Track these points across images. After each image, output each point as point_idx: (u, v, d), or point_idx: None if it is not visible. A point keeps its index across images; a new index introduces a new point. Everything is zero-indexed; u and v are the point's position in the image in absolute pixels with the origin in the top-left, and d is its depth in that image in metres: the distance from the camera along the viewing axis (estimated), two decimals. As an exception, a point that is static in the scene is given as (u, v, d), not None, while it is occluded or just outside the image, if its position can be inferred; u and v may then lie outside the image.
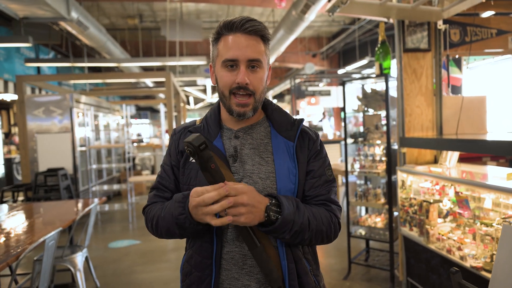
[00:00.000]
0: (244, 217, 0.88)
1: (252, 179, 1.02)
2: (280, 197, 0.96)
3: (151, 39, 9.56)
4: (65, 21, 5.35)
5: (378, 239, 3.24)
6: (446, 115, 3.03)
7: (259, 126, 1.10)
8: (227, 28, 1.00)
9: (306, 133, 1.11)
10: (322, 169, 1.08)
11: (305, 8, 5.40)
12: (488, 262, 2.10)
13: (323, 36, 10.55)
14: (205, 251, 1.02)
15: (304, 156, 1.07)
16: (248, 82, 0.98)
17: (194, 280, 1.04)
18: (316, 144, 1.10)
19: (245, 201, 0.88)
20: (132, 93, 9.35)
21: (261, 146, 1.07)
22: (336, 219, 1.06)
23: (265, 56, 1.03)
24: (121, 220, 6.05)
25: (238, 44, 0.98)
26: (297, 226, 0.95)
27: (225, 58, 0.99)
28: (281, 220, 0.92)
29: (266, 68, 1.04)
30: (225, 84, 1.00)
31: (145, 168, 9.05)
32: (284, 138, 1.07)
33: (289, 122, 1.10)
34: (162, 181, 1.12)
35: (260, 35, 1.01)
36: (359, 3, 2.61)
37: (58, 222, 2.80)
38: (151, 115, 18.26)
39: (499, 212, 2.19)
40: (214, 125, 1.09)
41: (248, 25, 0.98)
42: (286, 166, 1.03)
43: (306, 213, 0.98)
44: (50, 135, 5.69)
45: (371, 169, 3.20)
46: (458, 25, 3.13)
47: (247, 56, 0.98)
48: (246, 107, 1.00)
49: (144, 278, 3.60)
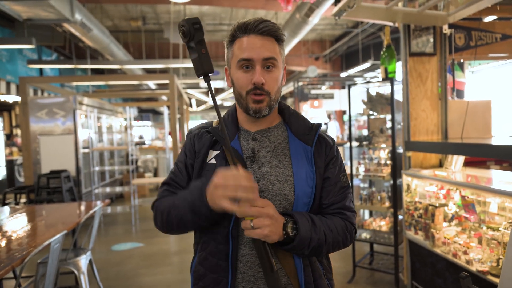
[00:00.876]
0: (268, 229, 0.89)
1: (270, 181, 1.02)
2: (295, 215, 0.96)
3: (154, 41, 9.59)
4: (68, 23, 5.38)
5: (382, 242, 3.24)
6: (451, 119, 3.03)
7: (276, 129, 1.10)
8: (242, 30, 1.01)
9: (323, 139, 1.11)
10: (338, 176, 1.09)
11: (309, 12, 5.42)
12: (494, 266, 2.09)
13: (326, 39, 10.57)
14: (220, 253, 1.02)
15: (321, 161, 1.07)
16: (264, 82, 0.99)
17: (208, 283, 1.03)
18: (333, 150, 1.11)
19: (271, 213, 0.90)
20: (135, 95, 9.36)
21: (278, 150, 1.07)
22: (351, 226, 1.07)
23: (279, 55, 1.03)
24: (123, 223, 6.05)
25: (252, 45, 0.99)
26: (315, 242, 0.96)
27: (240, 57, 1.00)
28: (298, 238, 0.93)
29: (281, 68, 1.05)
30: (241, 85, 1.02)
31: (147, 170, 9.05)
32: (302, 142, 1.07)
33: (307, 126, 1.10)
34: (175, 178, 1.12)
35: (274, 35, 1.02)
36: (365, 7, 2.62)
37: (61, 225, 2.79)
38: (153, 117, 18.29)
39: (505, 216, 2.19)
40: (232, 126, 1.09)
41: (262, 25, 1.00)
42: (304, 170, 1.03)
43: (322, 227, 0.99)
44: (53, 137, 5.70)
45: (376, 172, 3.20)
46: (463, 29, 3.14)
47: (262, 55, 0.99)
48: (261, 103, 1.01)
49: (147, 281, 3.60)
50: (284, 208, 1.01)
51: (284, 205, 1.01)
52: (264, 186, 1.01)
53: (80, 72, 9.86)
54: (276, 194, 1.01)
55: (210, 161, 1.07)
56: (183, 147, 1.16)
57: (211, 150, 1.09)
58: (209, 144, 1.09)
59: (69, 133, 5.70)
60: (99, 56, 9.11)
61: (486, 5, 2.48)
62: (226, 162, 1.04)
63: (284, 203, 1.01)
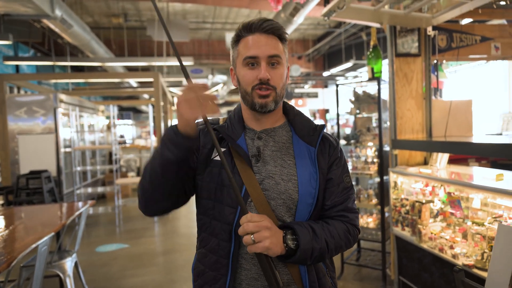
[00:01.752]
0: (269, 241, 0.89)
1: (274, 180, 1.02)
2: (295, 227, 0.96)
3: (136, 38, 9.42)
4: (48, 19, 5.21)
5: (370, 239, 3.31)
6: (435, 118, 3.12)
7: (281, 129, 1.11)
8: (246, 29, 1.03)
9: (327, 139, 1.12)
10: (341, 177, 1.10)
11: (294, 11, 5.45)
12: (479, 260, 2.18)
13: (309, 39, 10.67)
14: (222, 250, 1.02)
15: (325, 162, 1.08)
16: (270, 77, 1.01)
17: (207, 280, 1.04)
18: (337, 151, 1.12)
19: (269, 225, 0.91)
20: (116, 93, 9.18)
21: (283, 149, 1.08)
22: (353, 228, 1.09)
23: (283, 54, 1.06)
24: (107, 224, 5.93)
25: (257, 43, 1.02)
26: (317, 251, 0.97)
27: (246, 55, 1.02)
28: (300, 251, 0.94)
29: (285, 66, 1.07)
30: (247, 81, 1.03)
31: (130, 170, 8.90)
32: (306, 143, 1.08)
33: (311, 127, 1.11)
34: None
35: (277, 34, 1.04)
36: (354, 9, 2.66)
37: (41, 227, 2.71)
38: (134, 116, 17.96)
39: (487, 211, 2.28)
40: (238, 125, 1.10)
41: (266, 24, 1.02)
42: (308, 171, 1.05)
43: (323, 235, 0.99)
44: (33, 136, 5.52)
45: (363, 170, 3.26)
46: (445, 31, 3.24)
47: (267, 52, 1.01)
48: (267, 98, 1.02)
49: (135, 282, 3.55)
50: (287, 207, 1.02)
51: (288, 204, 1.02)
52: (269, 184, 1.02)
53: (58, 70, 9.58)
54: (281, 193, 1.01)
55: (215, 158, 1.07)
56: None
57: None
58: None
59: (50, 132, 5.54)
60: (79, 53, 8.88)
61: (468, 8, 2.57)
62: (232, 159, 1.04)
63: (288, 202, 1.02)
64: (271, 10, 5.64)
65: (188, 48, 9.68)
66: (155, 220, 6.03)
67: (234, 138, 1.06)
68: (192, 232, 5.21)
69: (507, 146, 1.99)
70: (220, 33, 9.67)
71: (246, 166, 1.02)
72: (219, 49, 10.22)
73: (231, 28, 9.30)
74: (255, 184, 1.01)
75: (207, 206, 1.06)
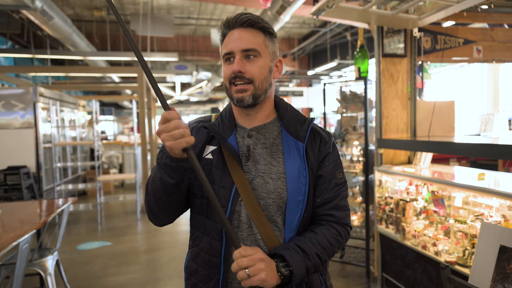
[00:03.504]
0: (264, 273, 0.87)
1: (264, 179, 1.01)
2: (284, 253, 0.93)
3: (119, 32, 9.23)
4: (28, 10, 5.04)
5: (354, 236, 3.35)
6: (419, 118, 3.19)
7: (271, 125, 1.10)
8: (226, 26, 1.04)
9: (318, 133, 1.10)
10: (333, 173, 1.08)
11: (281, 9, 5.45)
12: (461, 257, 2.24)
13: (294, 38, 10.71)
14: (213, 249, 1.01)
15: (315, 158, 1.06)
16: (243, 70, 0.99)
17: (200, 279, 1.03)
18: (328, 145, 1.09)
19: (263, 257, 0.89)
20: (98, 88, 8.97)
21: (273, 146, 1.06)
22: (343, 229, 1.07)
23: (264, 46, 1.03)
24: (88, 221, 5.81)
25: (233, 38, 1.02)
26: (312, 268, 0.96)
27: (224, 52, 1.03)
28: (294, 276, 0.92)
29: (268, 59, 1.04)
30: (225, 76, 1.03)
31: (112, 166, 8.72)
32: (294, 139, 1.06)
33: (299, 121, 1.09)
34: None
35: (256, 27, 1.03)
36: (343, 8, 2.69)
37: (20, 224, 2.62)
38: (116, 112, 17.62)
39: (469, 210, 2.35)
40: (229, 123, 1.09)
41: (243, 17, 1.02)
42: (296, 167, 1.02)
43: (313, 250, 0.97)
44: (11, 131, 5.34)
45: (348, 169, 3.30)
46: (430, 33, 3.31)
47: (241, 46, 1.00)
48: (244, 93, 1.00)
49: (118, 281, 3.49)
50: (277, 206, 1.01)
51: (278, 203, 1.00)
52: (258, 184, 1.01)
53: (37, 62, 9.29)
54: (270, 192, 1.00)
55: (206, 156, 1.06)
56: None
57: (208, 145, 1.08)
58: (206, 139, 1.08)
59: (29, 127, 5.37)
60: (60, 46, 8.64)
61: (454, 11, 2.63)
62: (223, 158, 1.03)
63: (278, 201, 1.00)
64: (257, 7, 5.63)
65: (172, 44, 9.55)
66: (138, 218, 5.94)
67: (225, 136, 1.05)
68: (176, 230, 5.16)
69: (488, 147, 2.05)
70: (205, 29, 9.59)
71: (236, 166, 1.01)
72: (203, 46, 10.13)
73: (216, 24, 9.23)
74: (245, 183, 1.00)
75: (200, 205, 1.06)
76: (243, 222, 1.01)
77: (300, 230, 1.03)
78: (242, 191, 0.99)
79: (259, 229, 0.99)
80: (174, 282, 3.42)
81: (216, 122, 1.09)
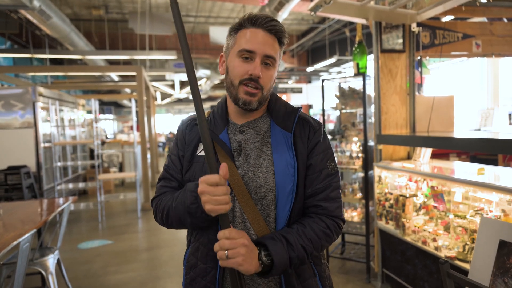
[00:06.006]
0: (242, 258, 0.87)
1: (254, 174, 1.02)
2: (267, 242, 0.94)
3: (117, 31, 9.21)
4: (26, 10, 5.03)
5: (354, 232, 3.35)
6: (419, 114, 3.18)
7: (262, 119, 1.11)
8: (251, 22, 1.02)
9: (307, 122, 1.09)
10: (324, 163, 1.06)
11: (279, 6, 5.44)
12: (461, 252, 2.24)
13: (293, 34, 10.67)
14: (210, 243, 1.02)
15: (304, 147, 1.05)
16: (261, 76, 1.00)
17: (199, 273, 1.05)
18: (318, 134, 1.08)
19: (246, 243, 0.89)
20: (97, 87, 8.96)
21: (263, 140, 1.07)
22: (333, 221, 1.04)
23: (278, 57, 1.05)
24: (89, 220, 5.82)
25: (258, 38, 1.00)
26: (295, 260, 0.95)
27: (243, 48, 1.00)
28: (275, 265, 0.92)
29: (276, 69, 1.07)
30: (237, 74, 1.01)
31: (112, 165, 8.72)
32: (282, 129, 1.06)
33: (287, 112, 1.09)
34: (169, 171, 1.13)
35: (278, 36, 1.03)
36: (340, 3, 2.67)
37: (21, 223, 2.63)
38: (115, 111, 17.60)
39: (468, 205, 2.35)
40: (221, 119, 1.09)
41: (272, 23, 1.01)
42: (284, 159, 1.02)
43: (298, 242, 0.96)
44: (11, 131, 5.34)
45: (348, 165, 3.30)
46: (429, 28, 3.29)
47: (265, 51, 1.00)
48: (253, 97, 1.01)
49: (119, 279, 3.50)
50: (269, 199, 1.01)
51: (270, 197, 1.01)
52: (249, 178, 1.02)
53: (36, 62, 9.28)
54: (261, 186, 1.01)
55: (199, 153, 1.07)
56: (175, 139, 1.17)
57: (201, 142, 1.08)
58: (199, 136, 1.09)
59: (29, 127, 5.37)
60: (58, 45, 8.62)
61: (452, 5, 2.62)
62: (215, 154, 1.04)
63: (269, 194, 1.01)
64: (255, 4, 5.60)
65: (171, 42, 9.53)
66: (139, 216, 5.95)
67: (217, 133, 1.06)
68: (176, 228, 5.16)
69: (489, 141, 2.05)
70: (204, 26, 9.56)
71: (229, 161, 1.02)
72: (202, 43, 10.11)
73: (214, 22, 9.20)
74: (237, 179, 1.00)
75: None
76: (236, 217, 1.02)
77: (292, 221, 1.03)
78: (235, 187, 1.00)
79: (252, 223, 1.00)
80: (174, 280, 3.43)
81: (208, 119, 1.10)
